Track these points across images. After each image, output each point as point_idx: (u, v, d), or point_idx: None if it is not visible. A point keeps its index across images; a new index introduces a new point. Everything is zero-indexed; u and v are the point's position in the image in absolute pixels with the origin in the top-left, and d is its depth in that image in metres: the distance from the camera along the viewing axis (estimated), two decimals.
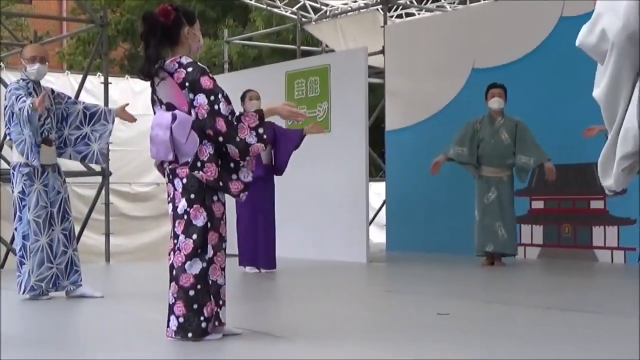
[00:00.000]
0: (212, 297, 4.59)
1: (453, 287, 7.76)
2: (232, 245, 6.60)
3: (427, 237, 11.06)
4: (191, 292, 4.54)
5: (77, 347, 4.92)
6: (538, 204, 10.27)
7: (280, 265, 8.86)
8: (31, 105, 6.33)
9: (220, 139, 4.52)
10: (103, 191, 11.24)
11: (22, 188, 6.57)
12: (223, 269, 4.67)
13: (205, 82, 4.53)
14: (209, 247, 4.60)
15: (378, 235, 13.17)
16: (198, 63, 4.64)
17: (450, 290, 7.47)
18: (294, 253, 9.91)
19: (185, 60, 4.61)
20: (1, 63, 14.89)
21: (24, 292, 6.55)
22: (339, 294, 7.30)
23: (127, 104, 7.02)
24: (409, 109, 11.62)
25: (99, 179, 11.14)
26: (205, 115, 4.49)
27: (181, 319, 4.55)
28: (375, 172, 15.76)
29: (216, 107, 4.49)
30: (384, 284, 8.44)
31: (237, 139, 4.50)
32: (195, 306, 4.54)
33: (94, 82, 13.52)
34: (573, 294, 7.15)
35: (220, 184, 4.59)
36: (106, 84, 11.09)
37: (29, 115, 6.34)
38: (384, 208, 12.65)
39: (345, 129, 10.04)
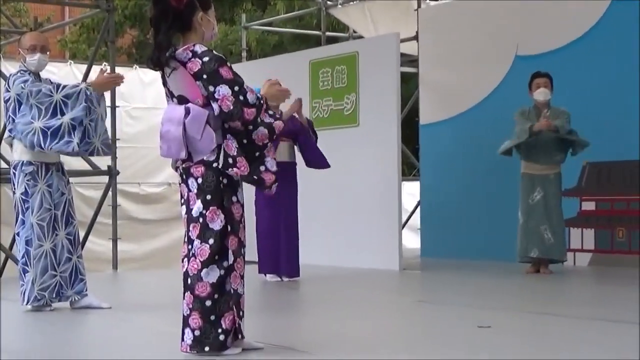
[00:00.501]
0: (233, 307, 4.61)
1: (495, 297, 7.74)
2: (251, 251, 6.61)
3: (466, 242, 11.04)
4: (208, 303, 4.56)
5: None
6: (589, 205, 10.22)
7: (304, 273, 8.89)
8: (89, 86, 6.50)
9: (251, 127, 4.64)
10: (110, 192, 11.25)
11: (25, 189, 6.57)
12: (242, 277, 4.71)
13: (226, 72, 4.58)
14: (230, 252, 4.62)
15: (412, 240, 13.17)
16: (214, 52, 4.66)
17: (492, 301, 7.46)
18: (318, 260, 9.93)
19: (199, 48, 4.63)
20: None
21: (27, 302, 6.56)
22: (368, 305, 7.32)
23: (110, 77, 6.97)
24: (445, 100, 11.60)
25: (105, 178, 11.11)
26: (232, 107, 4.54)
27: (197, 332, 4.57)
28: (409, 170, 15.76)
29: (242, 97, 4.55)
30: (418, 293, 8.42)
31: (259, 120, 4.64)
32: (212, 317, 4.56)
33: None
34: (627, 305, 7.12)
35: (255, 177, 4.66)
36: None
37: (87, 97, 6.45)
38: (418, 210, 12.65)
39: (376, 123, 10.04)
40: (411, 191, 13.99)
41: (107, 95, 9.69)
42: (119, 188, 11.98)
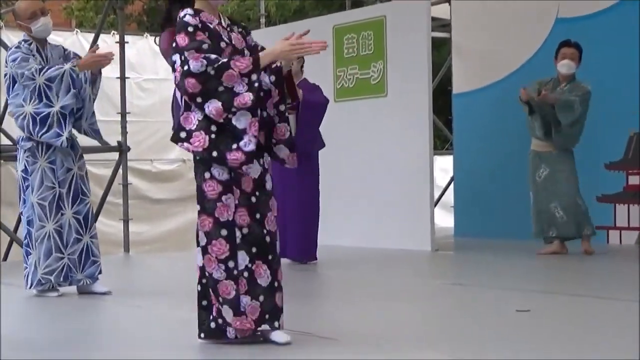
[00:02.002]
0: (211, 292, 4.59)
1: (533, 279, 7.76)
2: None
3: (502, 221, 11.02)
4: (198, 287, 4.65)
5: (88, 352, 4.99)
6: (635, 180, 10.18)
7: (327, 255, 8.88)
8: (74, 67, 6.43)
9: (199, 99, 4.45)
10: (120, 170, 11.27)
11: (25, 166, 6.57)
12: (222, 261, 4.52)
13: (181, 39, 4.51)
14: (201, 234, 4.57)
15: (445, 219, 13.15)
16: (185, 18, 4.55)
17: (530, 283, 7.47)
18: (341, 241, 9.94)
19: (182, 13, 4.60)
20: (0, 22, 15.07)
21: (30, 286, 6.57)
22: (398, 289, 7.33)
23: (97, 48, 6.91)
24: (480, 68, 11.56)
25: (116, 155, 11.15)
26: (178, 78, 4.48)
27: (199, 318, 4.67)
28: (441, 144, 15.76)
29: (186, 67, 4.43)
30: (451, 276, 8.44)
31: (220, 89, 4.43)
32: (204, 303, 4.63)
33: (108, 41, 13.49)
34: None
35: (214, 154, 4.46)
36: (122, 43, 11.10)
37: (74, 80, 6.42)
38: (451, 187, 12.64)
39: (405, 92, 10.00)
40: (444, 166, 14.00)
41: (116, 66, 9.79)
42: (130, 165, 12.02)
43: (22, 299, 6.67)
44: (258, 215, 4.51)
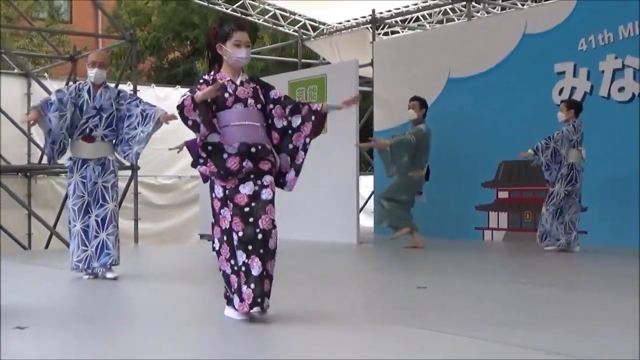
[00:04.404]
0: (224, 284, 4.40)
1: (429, 264, 7.77)
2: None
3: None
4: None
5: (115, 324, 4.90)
6: (503, 194, 10.26)
7: (281, 247, 8.79)
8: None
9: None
10: (132, 183, 11.26)
11: (68, 179, 6.48)
12: (228, 260, 4.30)
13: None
14: (215, 240, 4.39)
15: (367, 221, 13.14)
16: (204, 75, 4.46)
17: (427, 267, 7.48)
18: (294, 235, 9.88)
19: (202, 76, 4.52)
20: (45, 73, 14.87)
21: (70, 269, 6.39)
22: (334, 272, 7.30)
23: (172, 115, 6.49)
24: (394, 113, 11.55)
25: (129, 172, 11.15)
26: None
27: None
28: (365, 167, 15.74)
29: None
30: (372, 262, 8.42)
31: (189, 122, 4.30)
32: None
33: (125, 90, 13.39)
34: (530, 271, 7.15)
35: (222, 172, 4.30)
36: (135, 91, 11.02)
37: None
38: (372, 198, 12.64)
39: (340, 130, 9.98)
40: (367, 183, 13.94)
41: None
42: (140, 180, 11.95)
43: (62, 279, 6.54)
44: (251, 219, 4.21)
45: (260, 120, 4.46)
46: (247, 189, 4.28)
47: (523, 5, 14.11)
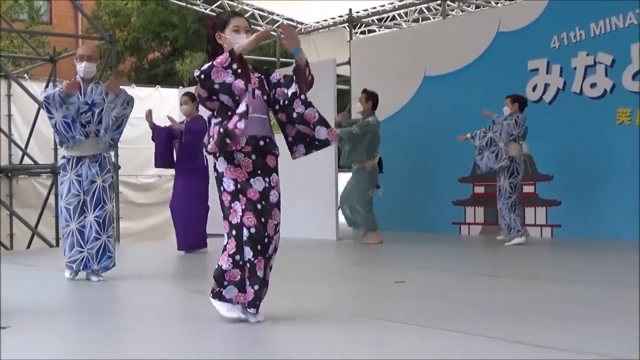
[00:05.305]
0: (213, 280, 4.20)
1: (404, 259, 7.80)
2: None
3: (383, 218, 11.09)
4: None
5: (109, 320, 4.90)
6: (480, 189, 10.33)
7: None
8: (62, 88, 5.96)
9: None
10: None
11: (60, 178, 6.24)
12: (230, 255, 4.11)
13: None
14: (225, 235, 4.19)
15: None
16: (197, 71, 4.17)
17: (405, 262, 7.51)
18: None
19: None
20: (26, 75, 14.77)
21: (66, 268, 6.22)
22: (316, 266, 7.32)
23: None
24: None
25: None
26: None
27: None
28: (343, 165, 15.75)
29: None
30: (351, 257, 8.45)
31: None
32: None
33: None
34: (507, 263, 7.21)
35: (225, 141, 4.06)
36: None
37: (62, 99, 5.96)
38: None
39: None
40: (346, 180, 13.97)
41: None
42: (121, 179, 11.90)
43: (45, 278, 6.50)
44: (263, 220, 4.12)
45: (267, 112, 4.33)
46: (257, 184, 4.17)
47: (497, 3, 14.19)
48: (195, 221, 8.52)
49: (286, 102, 4.32)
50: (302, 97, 4.34)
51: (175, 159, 8.64)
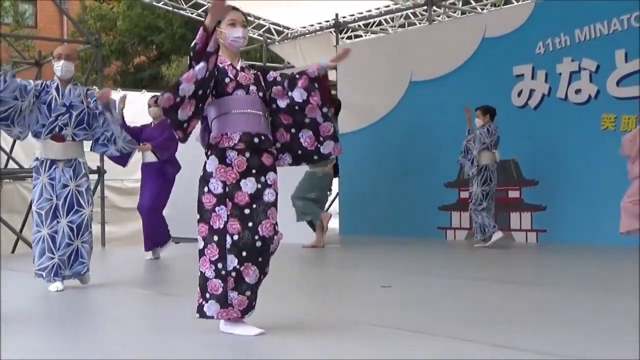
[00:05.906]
0: (198, 289, 4.01)
1: (393, 264, 7.78)
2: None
3: (371, 223, 11.11)
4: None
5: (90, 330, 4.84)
6: (465, 194, 10.30)
7: None
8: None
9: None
10: (99, 187, 11.17)
11: (33, 181, 6.00)
12: (213, 262, 3.90)
13: None
14: (199, 238, 3.98)
15: (332, 222, 13.11)
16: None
17: (391, 266, 7.49)
18: None
19: None
20: None
21: (35, 276, 5.96)
22: (299, 271, 7.28)
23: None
24: (358, 115, 11.62)
25: (96, 176, 11.05)
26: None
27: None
28: None
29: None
30: (337, 262, 8.41)
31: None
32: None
33: (94, 87, 13.27)
34: (493, 267, 7.21)
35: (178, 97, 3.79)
36: None
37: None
38: (337, 200, 12.65)
39: None
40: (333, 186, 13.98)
41: None
42: (106, 183, 11.86)
43: (28, 283, 6.42)
44: (251, 224, 3.88)
45: (263, 109, 4.09)
46: (249, 186, 3.92)
47: (482, 9, 14.23)
48: (156, 219, 8.70)
49: (295, 107, 4.13)
50: (324, 109, 4.17)
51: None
